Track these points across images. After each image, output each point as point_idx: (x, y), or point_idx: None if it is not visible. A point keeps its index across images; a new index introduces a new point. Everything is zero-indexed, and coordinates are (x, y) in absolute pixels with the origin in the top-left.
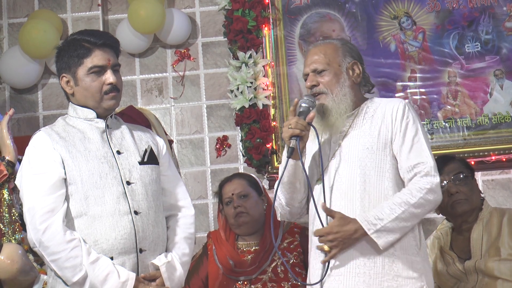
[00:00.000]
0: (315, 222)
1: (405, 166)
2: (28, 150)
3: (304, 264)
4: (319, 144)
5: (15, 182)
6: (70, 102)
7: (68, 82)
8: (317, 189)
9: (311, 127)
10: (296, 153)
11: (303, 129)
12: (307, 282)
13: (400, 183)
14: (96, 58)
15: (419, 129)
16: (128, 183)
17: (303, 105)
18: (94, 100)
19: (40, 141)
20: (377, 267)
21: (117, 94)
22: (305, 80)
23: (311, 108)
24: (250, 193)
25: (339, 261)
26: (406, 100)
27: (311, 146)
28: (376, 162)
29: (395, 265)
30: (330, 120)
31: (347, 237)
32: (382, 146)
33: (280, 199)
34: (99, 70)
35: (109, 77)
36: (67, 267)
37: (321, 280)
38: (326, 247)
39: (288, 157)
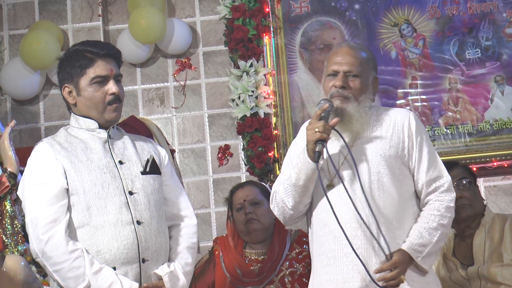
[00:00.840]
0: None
1: (425, 180)
2: (30, 160)
3: None
4: (348, 147)
5: (17, 193)
6: (72, 113)
7: (70, 92)
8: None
9: (334, 130)
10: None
11: (329, 133)
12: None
13: (410, 191)
14: (99, 68)
15: (430, 143)
16: (131, 193)
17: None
18: (97, 110)
19: (42, 151)
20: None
21: (119, 105)
22: (330, 74)
23: (330, 112)
24: (262, 201)
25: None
26: (412, 112)
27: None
28: (389, 169)
29: (409, 270)
30: (348, 126)
31: (405, 268)
32: (394, 154)
33: (285, 202)
34: (101, 80)
35: (111, 87)
36: (69, 278)
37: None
38: (403, 278)
39: (317, 161)
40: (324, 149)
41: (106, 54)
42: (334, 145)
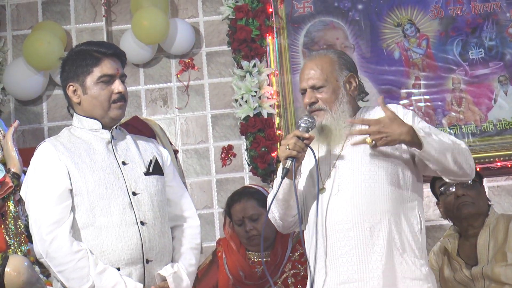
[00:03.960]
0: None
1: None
2: (33, 161)
3: None
4: (317, 165)
5: (20, 193)
6: (74, 113)
7: (75, 91)
8: (319, 198)
9: (308, 148)
10: (290, 174)
11: (300, 151)
12: None
13: (404, 187)
14: (106, 67)
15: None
16: (134, 193)
17: (303, 125)
18: (102, 109)
19: (45, 152)
20: (386, 269)
21: (124, 104)
22: (302, 94)
23: (310, 129)
24: (261, 213)
25: (351, 267)
26: (400, 105)
27: (309, 161)
28: (379, 167)
29: (402, 267)
30: (328, 137)
31: (393, 137)
32: (384, 151)
33: (274, 213)
34: (108, 80)
35: (118, 86)
36: (74, 278)
37: None
38: (369, 139)
39: (282, 178)
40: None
41: (113, 54)
42: (324, 150)
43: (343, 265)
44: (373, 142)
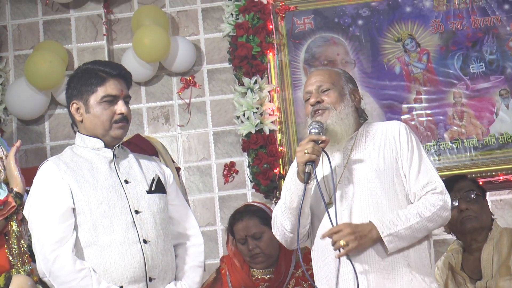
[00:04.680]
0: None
1: (416, 186)
2: (36, 180)
3: None
4: (331, 168)
5: (23, 212)
6: (77, 132)
7: (78, 109)
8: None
9: (323, 152)
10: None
11: (318, 154)
12: None
13: (407, 203)
14: (110, 87)
15: (423, 152)
16: (137, 212)
17: (313, 130)
18: (103, 128)
19: (48, 171)
20: (396, 285)
21: (126, 125)
22: (306, 99)
23: (321, 133)
24: (263, 231)
25: (360, 282)
26: (402, 123)
27: (317, 171)
28: (385, 183)
29: (412, 284)
30: (335, 140)
31: (363, 234)
32: (389, 167)
33: (284, 225)
34: (111, 100)
35: (121, 107)
36: None
37: None
38: (342, 242)
39: (306, 182)
40: (320, 168)
41: (118, 75)
42: (327, 164)
43: (352, 281)
44: (347, 244)
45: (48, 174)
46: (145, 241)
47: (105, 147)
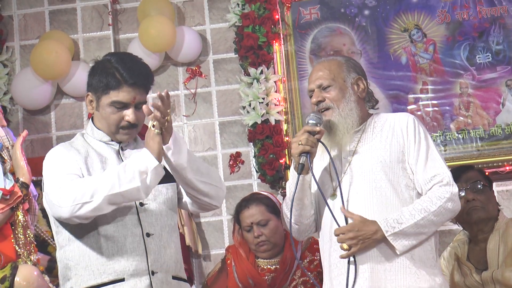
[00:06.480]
0: (331, 234)
1: (423, 179)
2: (47, 158)
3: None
4: (331, 158)
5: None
6: (90, 121)
7: (91, 101)
8: (330, 204)
9: (320, 143)
10: (305, 170)
11: (313, 145)
12: None
13: (414, 196)
14: (122, 94)
15: (431, 143)
16: (142, 204)
17: (311, 121)
18: (109, 130)
19: (59, 150)
20: (398, 280)
21: (133, 130)
22: (310, 96)
23: (318, 125)
24: (269, 219)
25: (362, 275)
26: (411, 115)
27: (319, 163)
28: (390, 176)
29: (417, 276)
30: (337, 135)
31: (367, 237)
32: (395, 160)
33: (288, 216)
34: (121, 106)
35: (129, 115)
36: (122, 184)
37: None
38: (345, 245)
39: (299, 173)
40: (323, 161)
41: (134, 84)
42: (333, 157)
43: (357, 274)
44: (350, 248)
45: (59, 152)
46: (148, 235)
47: (112, 141)
